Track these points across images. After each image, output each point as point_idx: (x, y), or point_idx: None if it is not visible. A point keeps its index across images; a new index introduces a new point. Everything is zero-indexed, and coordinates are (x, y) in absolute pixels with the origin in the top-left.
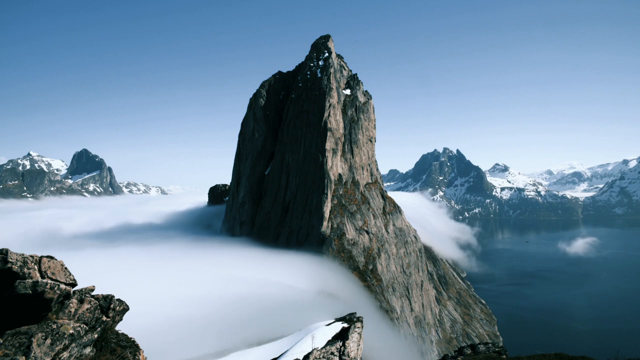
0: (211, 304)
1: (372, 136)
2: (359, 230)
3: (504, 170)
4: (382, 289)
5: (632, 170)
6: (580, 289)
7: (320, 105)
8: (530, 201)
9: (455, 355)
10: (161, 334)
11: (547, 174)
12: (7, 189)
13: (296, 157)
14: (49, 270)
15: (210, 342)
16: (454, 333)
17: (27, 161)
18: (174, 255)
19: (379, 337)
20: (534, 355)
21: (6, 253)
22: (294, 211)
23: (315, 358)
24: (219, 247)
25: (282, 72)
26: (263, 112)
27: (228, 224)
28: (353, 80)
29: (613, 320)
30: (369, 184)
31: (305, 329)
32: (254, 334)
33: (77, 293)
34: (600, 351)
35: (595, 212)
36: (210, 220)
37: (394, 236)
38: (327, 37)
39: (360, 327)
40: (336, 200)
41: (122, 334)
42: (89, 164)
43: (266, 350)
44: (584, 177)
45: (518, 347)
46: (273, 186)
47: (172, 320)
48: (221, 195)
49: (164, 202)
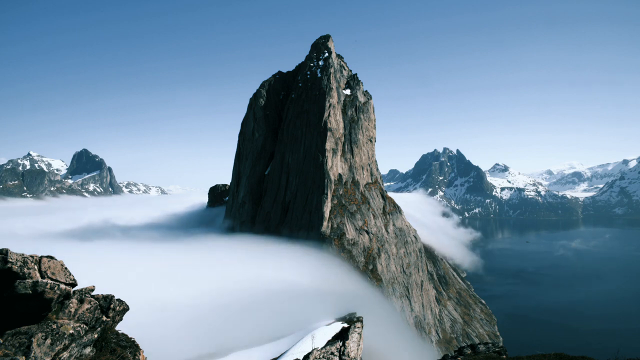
0: (211, 304)
1: (372, 136)
2: (359, 230)
3: (504, 170)
4: (382, 289)
5: (632, 170)
6: (581, 289)
7: (320, 105)
8: (530, 201)
9: (455, 355)
10: (161, 334)
11: (547, 174)
12: (7, 189)
13: (296, 157)
14: (49, 270)
15: (210, 342)
16: (454, 333)
17: (27, 161)
18: (174, 253)
19: (379, 337)
20: (534, 355)
21: (6, 253)
22: (294, 211)
23: (315, 358)
24: (218, 243)
25: (282, 72)
26: (263, 112)
27: (228, 224)
28: (353, 80)
29: (613, 320)
30: (369, 184)
31: (305, 329)
32: (254, 334)
33: (77, 293)
34: (600, 351)
35: (595, 212)
36: (210, 220)
37: (394, 236)
38: (327, 37)
39: (360, 327)
40: (336, 200)
41: (122, 334)
42: (89, 164)
43: (266, 350)
44: (584, 177)
45: (518, 347)
46: (273, 186)
47: (172, 320)
48: (221, 195)
49: (164, 202)
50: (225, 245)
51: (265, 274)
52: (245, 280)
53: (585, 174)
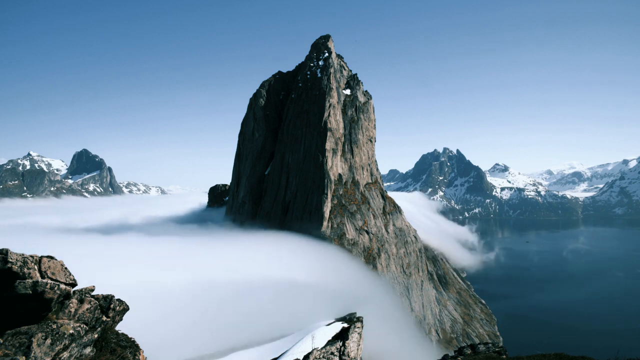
0: (212, 304)
1: (372, 136)
2: (359, 230)
3: (504, 170)
4: (382, 288)
5: (632, 170)
6: (580, 289)
7: (320, 105)
8: (530, 201)
9: (455, 355)
10: (161, 334)
11: (547, 174)
12: (7, 189)
13: (296, 157)
14: (49, 270)
15: (210, 342)
16: (454, 333)
17: (27, 161)
18: (173, 252)
19: (379, 337)
20: (534, 355)
21: (6, 253)
22: (294, 211)
23: (315, 358)
24: (218, 240)
25: (282, 72)
26: (263, 112)
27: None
28: (353, 80)
29: (613, 320)
30: (369, 184)
31: (305, 329)
32: (254, 334)
33: (77, 293)
34: (600, 351)
35: (595, 212)
36: (209, 220)
37: (394, 236)
38: (327, 37)
39: (360, 327)
40: (336, 200)
41: (122, 334)
42: (89, 164)
43: (266, 350)
44: (584, 177)
45: (518, 347)
46: (273, 186)
47: (172, 319)
48: (221, 195)
49: (164, 202)
50: (225, 238)
51: (265, 273)
52: (245, 280)
53: (585, 174)
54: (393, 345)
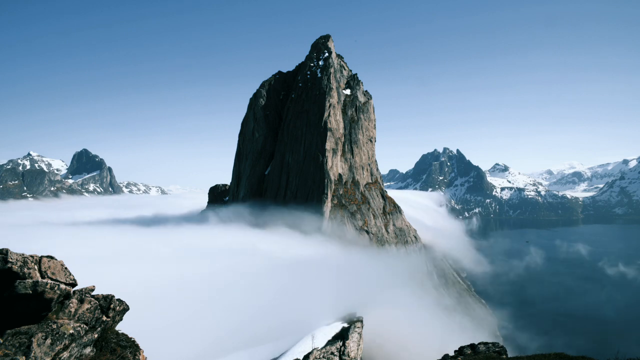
0: (211, 304)
1: (372, 136)
2: (359, 230)
3: (504, 170)
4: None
5: (632, 170)
6: (580, 289)
7: (320, 105)
8: (530, 201)
9: (455, 355)
10: (161, 334)
11: (547, 174)
12: (7, 189)
13: (296, 157)
14: (49, 270)
15: (210, 342)
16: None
17: (27, 161)
18: (173, 252)
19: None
20: (534, 355)
21: (6, 253)
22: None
23: (315, 358)
24: (218, 239)
25: (282, 72)
26: (263, 112)
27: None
28: (353, 80)
29: (613, 320)
30: (369, 184)
31: (305, 329)
32: (254, 334)
33: (77, 293)
34: (600, 351)
35: (595, 212)
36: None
37: (394, 236)
38: (327, 37)
39: (360, 327)
40: (336, 200)
41: (122, 334)
42: (89, 164)
43: (266, 350)
44: (584, 177)
45: (518, 347)
46: (273, 186)
47: (172, 319)
48: (221, 195)
49: (164, 201)
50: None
51: (265, 273)
52: (245, 279)
53: (585, 174)
54: (393, 344)
